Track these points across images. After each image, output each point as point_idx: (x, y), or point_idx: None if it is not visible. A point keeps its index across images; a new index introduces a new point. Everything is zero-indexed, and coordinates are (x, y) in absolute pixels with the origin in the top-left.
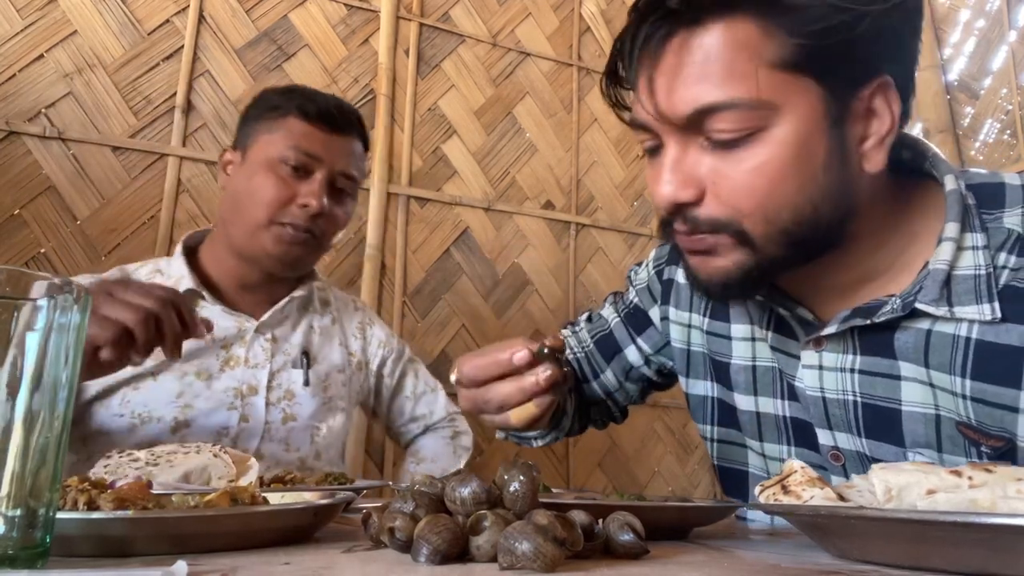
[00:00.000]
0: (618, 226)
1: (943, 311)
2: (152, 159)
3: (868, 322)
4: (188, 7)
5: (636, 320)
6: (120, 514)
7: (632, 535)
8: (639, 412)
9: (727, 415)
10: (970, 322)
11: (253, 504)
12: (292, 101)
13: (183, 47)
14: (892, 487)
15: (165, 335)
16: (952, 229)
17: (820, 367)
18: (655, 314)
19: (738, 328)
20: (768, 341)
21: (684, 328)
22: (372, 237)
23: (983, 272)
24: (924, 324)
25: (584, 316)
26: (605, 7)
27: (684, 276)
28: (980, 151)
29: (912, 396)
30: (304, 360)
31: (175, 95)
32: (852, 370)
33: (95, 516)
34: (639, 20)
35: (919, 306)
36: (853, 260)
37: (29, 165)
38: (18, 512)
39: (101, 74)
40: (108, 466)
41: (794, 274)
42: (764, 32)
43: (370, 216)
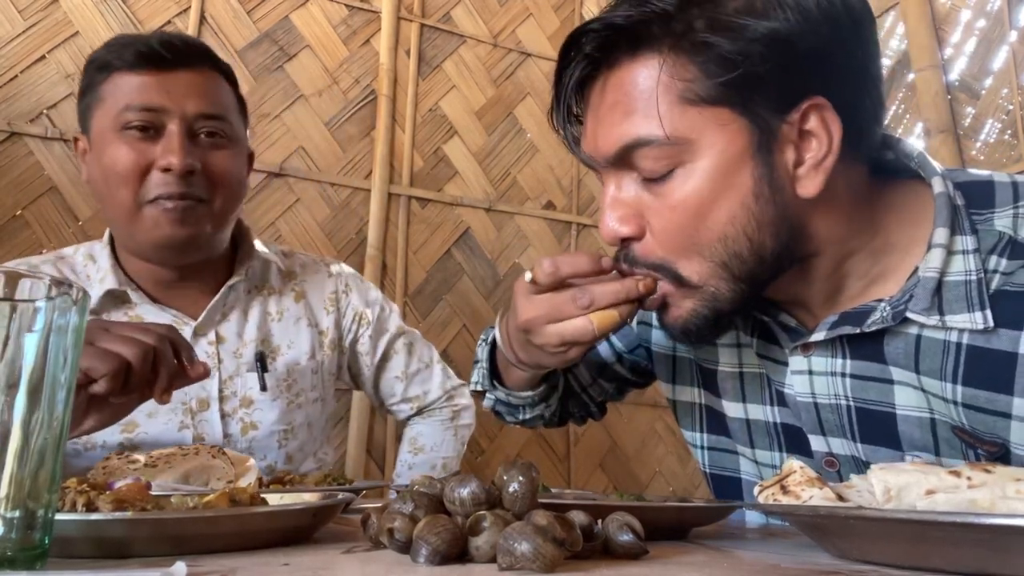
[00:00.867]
0: None
1: (934, 320)
2: None
3: (858, 331)
4: (189, 8)
5: None
6: (119, 515)
7: (631, 535)
8: (640, 412)
9: (716, 422)
10: (960, 329)
11: (252, 505)
12: (112, 54)
13: None
14: (891, 487)
15: (160, 373)
16: (942, 235)
17: (810, 372)
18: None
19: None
20: (754, 348)
21: None
22: (373, 237)
23: (974, 278)
24: (913, 329)
25: None
26: (606, 7)
27: None
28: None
29: (905, 400)
30: (259, 363)
31: None
32: (843, 374)
33: (94, 517)
34: (562, 64)
35: (910, 315)
36: (824, 271)
37: (31, 166)
38: (17, 513)
39: None
40: (107, 468)
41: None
42: (674, 70)
43: (371, 216)
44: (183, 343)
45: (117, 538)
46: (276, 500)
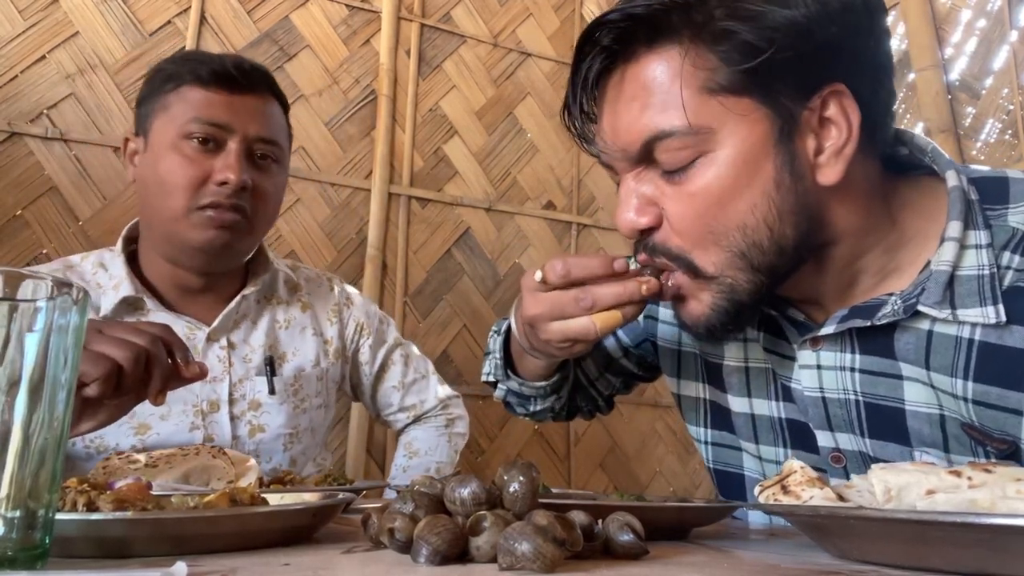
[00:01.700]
0: None
1: (946, 314)
2: None
3: (868, 324)
4: (190, 8)
5: None
6: (119, 515)
7: (632, 535)
8: (640, 412)
9: (720, 418)
10: (972, 324)
11: (252, 505)
12: (184, 68)
13: (184, 48)
14: (891, 487)
15: (153, 375)
16: (955, 228)
17: (818, 367)
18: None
19: None
20: (760, 342)
21: (675, 328)
22: (373, 237)
23: (986, 272)
24: (925, 324)
25: None
26: (606, 7)
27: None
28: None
29: (915, 396)
30: (268, 368)
31: None
32: (852, 369)
33: (94, 517)
34: (579, 58)
35: (921, 308)
36: (840, 264)
37: (31, 166)
38: (17, 513)
39: (103, 75)
40: (107, 468)
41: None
42: (695, 60)
43: (371, 216)
44: (177, 343)
45: (117, 538)
46: (276, 500)
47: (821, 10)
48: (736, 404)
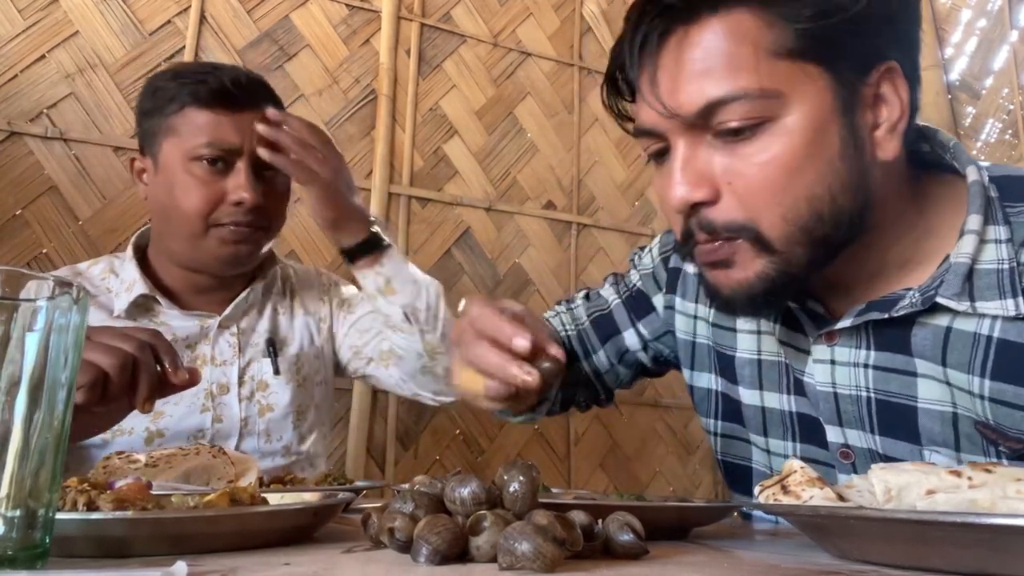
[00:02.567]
0: (619, 226)
1: (964, 306)
2: None
3: (886, 316)
4: (189, 7)
5: (638, 304)
6: (120, 514)
7: (632, 535)
8: (640, 412)
9: (730, 410)
10: (992, 319)
11: (252, 504)
12: (183, 88)
13: (184, 47)
14: (891, 487)
15: (140, 382)
16: (975, 222)
17: (832, 362)
18: (659, 301)
19: (744, 320)
20: (776, 335)
21: (690, 319)
22: None
23: (1006, 266)
24: (943, 320)
25: (582, 294)
26: (606, 7)
27: (700, 281)
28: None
29: (928, 394)
30: (271, 349)
31: None
32: (866, 365)
33: (94, 516)
34: (637, 21)
35: (940, 300)
36: (870, 253)
37: (31, 166)
38: (17, 513)
39: (103, 74)
40: (107, 467)
41: None
42: (763, 21)
43: None
44: (166, 349)
45: (118, 537)
46: (276, 500)
47: None
48: (747, 396)
